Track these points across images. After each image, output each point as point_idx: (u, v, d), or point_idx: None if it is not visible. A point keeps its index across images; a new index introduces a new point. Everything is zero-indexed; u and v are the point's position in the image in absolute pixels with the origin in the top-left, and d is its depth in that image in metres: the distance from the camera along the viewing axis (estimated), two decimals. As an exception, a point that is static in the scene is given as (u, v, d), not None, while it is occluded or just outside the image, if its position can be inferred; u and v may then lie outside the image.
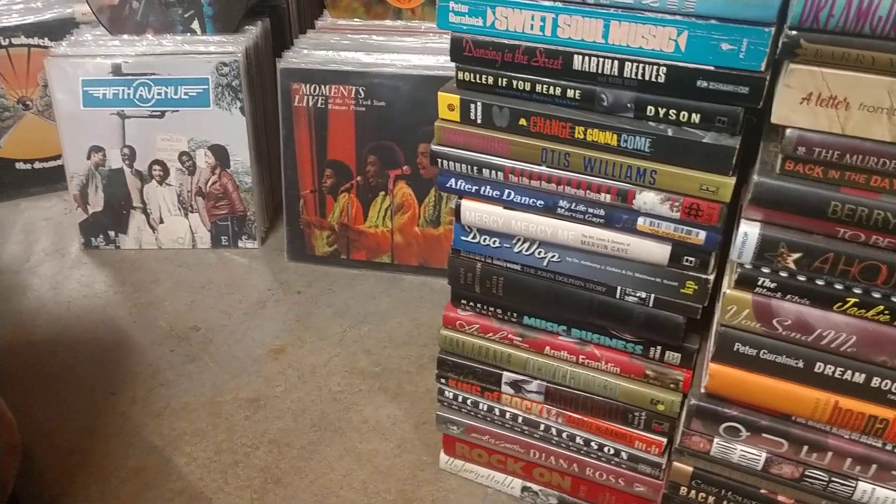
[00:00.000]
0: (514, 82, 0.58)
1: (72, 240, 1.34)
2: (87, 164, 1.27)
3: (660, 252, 0.61)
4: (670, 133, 0.55)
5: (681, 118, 0.54)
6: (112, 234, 1.31)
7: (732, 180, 0.54)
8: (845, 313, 0.53)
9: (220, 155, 1.27)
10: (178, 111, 1.24)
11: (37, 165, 1.47)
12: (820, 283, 0.53)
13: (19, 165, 1.46)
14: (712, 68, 0.51)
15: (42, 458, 0.91)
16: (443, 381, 0.82)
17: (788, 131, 0.49)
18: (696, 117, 0.54)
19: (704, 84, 0.52)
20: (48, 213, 1.43)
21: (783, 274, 0.54)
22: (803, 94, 0.47)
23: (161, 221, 1.31)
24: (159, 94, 1.23)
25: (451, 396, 0.82)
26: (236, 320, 1.15)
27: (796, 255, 0.52)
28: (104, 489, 0.87)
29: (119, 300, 1.20)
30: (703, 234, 0.58)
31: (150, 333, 1.12)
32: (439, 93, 0.61)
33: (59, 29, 1.35)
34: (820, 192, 0.50)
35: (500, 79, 0.59)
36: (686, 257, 0.61)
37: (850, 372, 0.55)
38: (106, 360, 1.07)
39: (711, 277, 0.61)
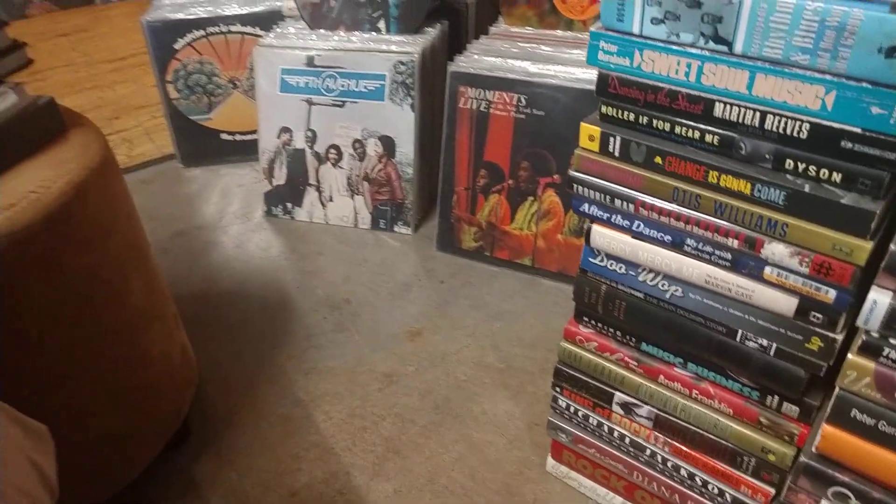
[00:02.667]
0: (654, 122, 0.60)
1: (257, 206, 1.53)
2: (277, 142, 1.44)
3: (786, 303, 0.61)
4: (807, 189, 0.54)
5: (820, 175, 0.53)
6: (289, 205, 1.48)
7: (869, 245, 0.53)
8: (978, 400, 0.50)
9: (388, 145, 1.38)
10: (356, 102, 1.36)
11: (237, 137, 1.68)
12: (952, 364, 0.50)
13: (223, 136, 1.68)
14: (859, 130, 0.50)
15: (213, 394, 1.08)
16: (557, 389, 0.85)
17: (933, 205, 0.47)
18: (836, 176, 0.53)
19: (849, 145, 0.51)
20: (241, 181, 1.64)
21: (912, 348, 0.52)
22: (953, 169, 0.45)
23: (331, 199, 1.45)
24: (343, 85, 1.36)
25: (563, 405, 0.86)
26: (383, 299, 1.26)
27: (928, 332, 0.50)
28: (256, 429, 1.01)
29: (288, 265, 1.36)
30: (833, 293, 0.57)
31: (309, 300, 1.26)
32: (582, 123, 0.65)
33: (269, 20, 1.53)
34: (962, 271, 0.47)
35: (640, 117, 0.61)
36: (814, 313, 0.59)
37: (977, 462, 0.51)
38: (272, 318, 1.23)
39: (839, 337, 0.59)
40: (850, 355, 0.55)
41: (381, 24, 1.39)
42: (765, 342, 0.64)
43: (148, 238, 1.39)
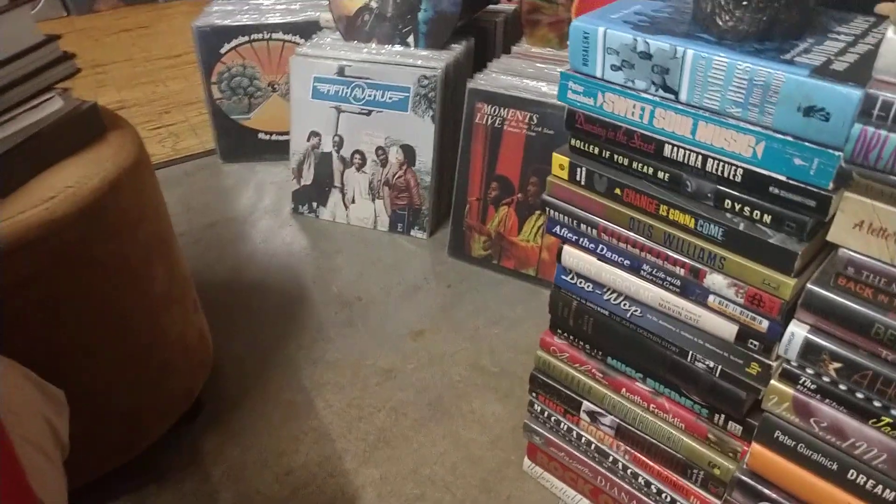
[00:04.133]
0: (615, 156, 0.66)
1: (285, 203, 1.62)
2: (307, 145, 1.53)
3: (727, 330, 0.66)
4: (741, 227, 0.59)
5: (753, 216, 0.59)
6: (314, 204, 1.57)
7: (793, 281, 0.58)
8: (879, 430, 0.54)
9: (409, 154, 1.45)
10: (381, 112, 1.45)
11: (273, 137, 1.78)
12: (859, 395, 0.55)
13: (260, 135, 1.78)
14: (784, 178, 0.55)
15: (227, 375, 1.17)
16: (534, 394, 0.92)
17: (840, 251, 0.52)
18: (767, 218, 0.58)
19: (777, 191, 0.56)
20: (274, 178, 1.74)
21: (825, 378, 0.56)
22: (856, 220, 0.50)
23: (353, 202, 1.54)
24: (370, 95, 1.44)
25: (538, 410, 0.92)
26: (392, 298, 1.34)
27: (837, 365, 0.55)
28: (262, 411, 1.10)
29: (308, 261, 1.45)
30: (766, 323, 0.62)
31: (324, 294, 1.35)
32: (554, 153, 0.71)
33: (308, 29, 1.63)
34: (866, 312, 0.52)
35: (603, 151, 0.67)
36: (751, 340, 0.64)
37: (880, 486, 0.56)
38: (288, 309, 1.32)
39: (774, 364, 0.64)
40: (772, 381, 0.60)
41: (410, 39, 1.46)
42: (711, 364, 0.69)
43: (184, 227, 1.51)
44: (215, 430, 1.07)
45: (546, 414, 0.91)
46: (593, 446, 0.87)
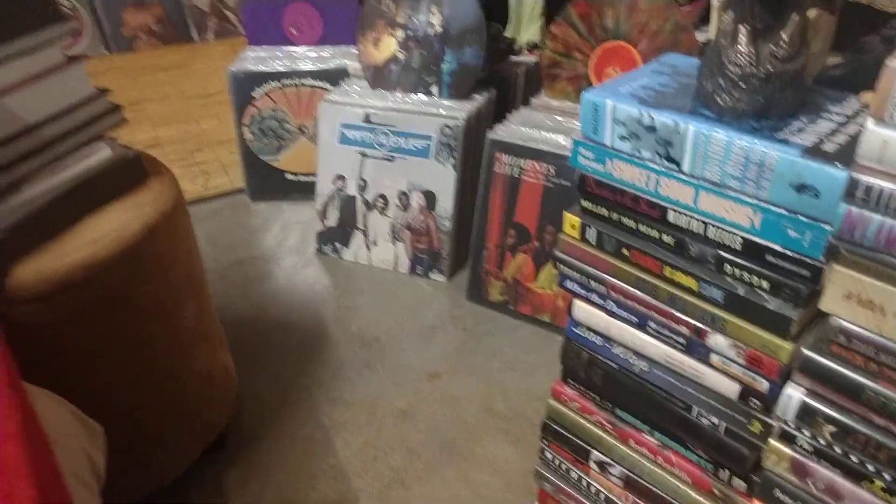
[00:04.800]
0: (623, 219, 0.70)
1: (309, 243, 1.68)
2: (332, 188, 1.59)
3: (730, 388, 0.68)
4: (741, 292, 0.62)
5: (752, 282, 0.62)
6: (338, 245, 1.62)
7: (790, 345, 0.60)
8: (873, 493, 0.57)
9: (430, 199, 1.51)
10: (405, 158, 1.50)
11: (301, 178, 1.85)
12: (853, 458, 0.57)
13: (288, 176, 1.85)
14: (779, 248, 0.59)
15: (249, 410, 1.21)
16: (545, 442, 0.94)
17: (832, 319, 0.55)
18: (765, 284, 0.61)
19: (773, 259, 0.59)
20: (300, 218, 1.80)
21: (820, 441, 0.59)
22: (845, 291, 0.53)
23: (375, 244, 1.59)
24: (394, 142, 1.50)
25: (549, 457, 0.94)
26: (410, 339, 1.37)
27: (832, 429, 0.57)
28: (282, 445, 1.14)
29: (330, 300, 1.50)
30: (765, 384, 0.65)
31: (344, 334, 1.39)
32: (565, 213, 0.75)
33: (337, 76, 1.70)
34: (857, 379, 0.55)
35: (612, 213, 0.71)
36: (752, 399, 0.67)
37: (874, 548, 0.58)
38: (309, 347, 1.36)
39: (776, 423, 0.67)
40: (770, 440, 0.62)
41: (434, 89, 1.53)
42: (715, 420, 0.72)
43: (211, 264, 1.56)
44: (237, 464, 1.10)
45: (557, 462, 0.93)
46: (602, 496, 0.89)
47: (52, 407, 0.63)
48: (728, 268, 0.63)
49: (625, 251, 0.71)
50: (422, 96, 1.54)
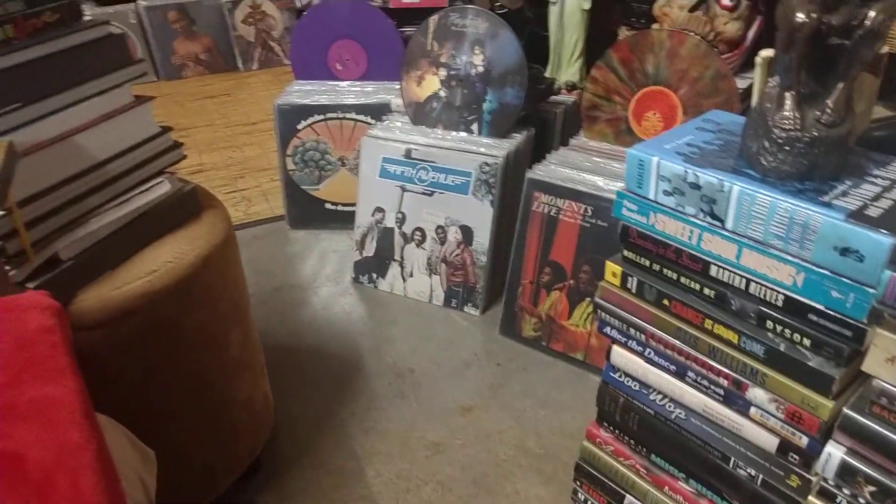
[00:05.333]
0: (664, 270, 0.72)
1: (346, 273, 1.71)
2: (371, 219, 1.63)
3: (768, 441, 0.69)
4: (782, 348, 0.64)
5: (794, 338, 0.63)
6: (374, 275, 1.66)
7: (831, 404, 0.61)
8: (913, 556, 0.57)
9: (467, 234, 1.53)
10: (443, 193, 1.54)
11: (339, 208, 1.90)
12: (893, 520, 0.58)
13: (328, 205, 1.90)
14: (822, 307, 0.60)
15: (283, 436, 1.24)
16: (578, 483, 0.95)
17: (874, 381, 0.56)
18: (806, 341, 0.62)
19: (815, 318, 0.60)
20: (337, 247, 1.84)
21: (860, 500, 0.59)
22: (888, 355, 0.54)
23: (411, 275, 1.62)
24: (433, 178, 1.54)
25: (582, 499, 0.95)
26: (443, 373, 1.39)
27: (872, 489, 0.58)
28: (315, 475, 1.16)
29: (365, 330, 1.52)
30: (805, 440, 0.65)
31: (378, 364, 1.41)
32: (607, 262, 0.77)
33: (379, 111, 1.75)
34: (898, 441, 0.55)
35: (654, 264, 0.73)
36: (791, 453, 0.68)
37: None
38: (344, 376, 1.39)
39: (814, 478, 0.67)
40: (809, 496, 0.63)
41: (475, 127, 1.56)
42: (753, 472, 0.72)
43: (251, 289, 1.60)
44: (271, 490, 1.13)
45: (589, 503, 0.94)
46: (634, 540, 0.89)
47: (111, 432, 0.67)
48: (769, 324, 0.65)
49: (665, 302, 0.72)
50: (462, 134, 1.57)
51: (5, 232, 0.73)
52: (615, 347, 0.81)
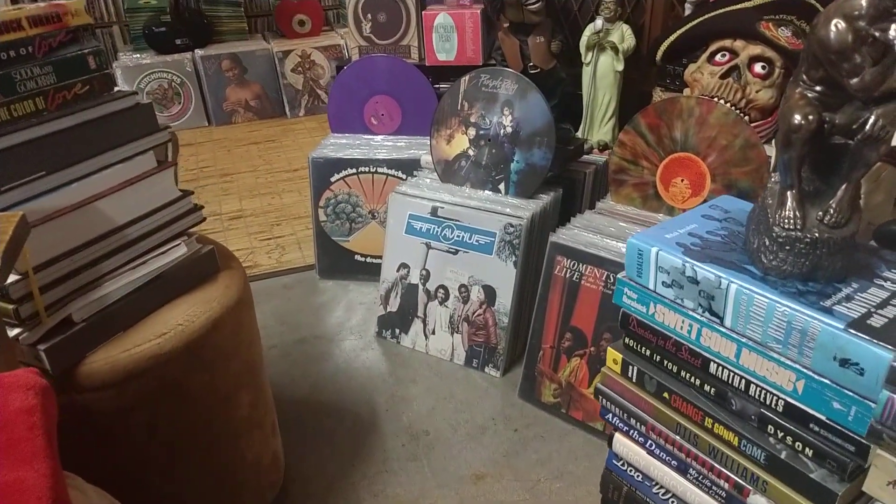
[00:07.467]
0: (664, 362, 0.69)
1: (370, 325, 1.72)
2: (396, 275, 1.63)
3: (772, 551, 0.65)
4: (784, 456, 0.60)
5: (795, 446, 0.60)
6: (397, 331, 1.65)
7: (835, 521, 0.57)
8: None
9: (489, 294, 1.52)
10: (468, 252, 1.53)
11: (368, 260, 1.91)
12: None
13: (357, 257, 1.92)
14: (824, 418, 0.56)
15: (293, 495, 1.23)
16: (582, 571, 0.91)
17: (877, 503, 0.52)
18: (808, 451, 0.59)
19: (816, 428, 0.57)
20: (364, 299, 1.85)
21: None
22: (889, 478, 0.50)
23: (433, 333, 1.61)
24: (458, 236, 1.54)
25: (586, 588, 0.91)
26: (459, 437, 1.37)
27: None
28: (319, 539, 1.15)
29: (384, 388, 1.52)
30: (810, 555, 0.61)
31: (394, 424, 1.40)
32: (608, 347, 0.75)
33: (410, 166, 1.77)
34: (904, 573, 0.51)
35: (654, 355, 0.70)
36: (796, 567, 0.63)
37: None
38: (359, 434, 1.38)
39: None
40: None
41: (502, 187, 1.57)
42: (757, 581, 0.68)
43: (276, 339, 1.62)
44: (274, 554, 1.12)
45: None
46: None
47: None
48: (770, 427, 0.61)
49: (666, 394, 0.70)
50: (489, 193, 1.57)
51: (20, 296, 0.76)
52: (618, 435, 0.78)
